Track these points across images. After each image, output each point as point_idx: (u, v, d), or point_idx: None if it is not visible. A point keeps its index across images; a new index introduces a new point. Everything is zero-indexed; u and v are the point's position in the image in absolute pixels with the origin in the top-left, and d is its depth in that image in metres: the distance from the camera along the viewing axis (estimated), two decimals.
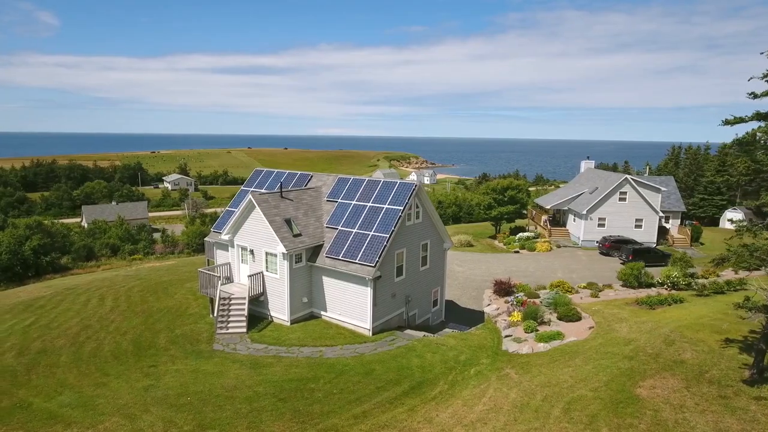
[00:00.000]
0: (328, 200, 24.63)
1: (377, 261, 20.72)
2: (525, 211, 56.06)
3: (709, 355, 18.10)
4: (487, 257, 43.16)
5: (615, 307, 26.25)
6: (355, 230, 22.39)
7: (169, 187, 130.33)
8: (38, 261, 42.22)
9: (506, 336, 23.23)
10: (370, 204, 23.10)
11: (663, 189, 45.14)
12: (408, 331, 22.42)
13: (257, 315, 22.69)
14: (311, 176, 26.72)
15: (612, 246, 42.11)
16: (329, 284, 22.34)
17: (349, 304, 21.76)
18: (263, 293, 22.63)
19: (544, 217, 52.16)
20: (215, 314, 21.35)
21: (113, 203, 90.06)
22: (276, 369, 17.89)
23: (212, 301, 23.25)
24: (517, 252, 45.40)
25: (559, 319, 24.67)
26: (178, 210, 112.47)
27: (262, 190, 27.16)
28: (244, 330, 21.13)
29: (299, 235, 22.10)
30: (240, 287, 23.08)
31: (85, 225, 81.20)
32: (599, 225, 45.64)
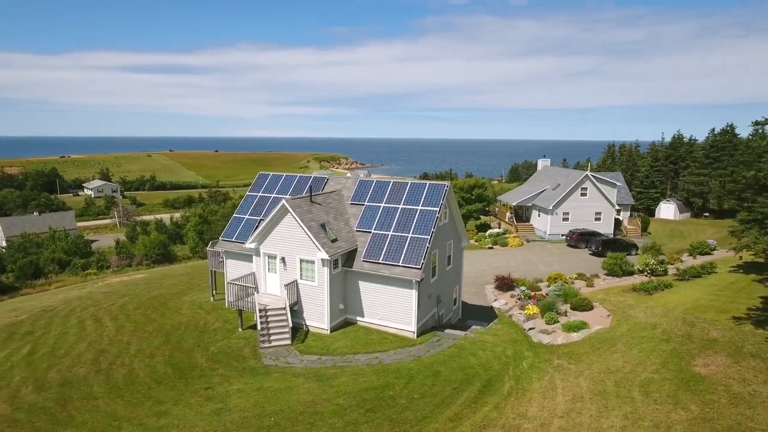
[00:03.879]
0: (352, 203, 24.14)
1: (422, 263, 20.70)
2: (488, 209, 58.28)
3: (732, 332, 20.12)
4: (465, 254, 44.33)
5: (616, 295, 28.22)
6: (390, 233, 22.17)
7: (92, 195, 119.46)
8: None
9: (530, 329, 24.15)
10: (401, 206, 22.97)
11: (618, 184, 49.07)
12: (448, 331, 22.61)
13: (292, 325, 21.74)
14: (327, 179, 26.03)
15: (579, 238, 45.07)
16: (367, 289, 21.93)
17: (391, 308, 21.52)
18: (297, 302, 21.73)
19: (509, 214, 54.57)
20: (258, 328, 20.15)
21: (35, 213, 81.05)
22: (343, 380, 17.32)
23: (241, 313, 21.95)
24: (491, 248, 47.12)
25: (573, 309, 26.04)
26: (105, 219, 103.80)
27: (274, 195, 26.07)
28: (289, 342, 20.18)
29: (335, 240, 21.49)
30: (270, 297, 21.99)
31: (3, 241, 72.46)
32: (564, 219, 48.64)
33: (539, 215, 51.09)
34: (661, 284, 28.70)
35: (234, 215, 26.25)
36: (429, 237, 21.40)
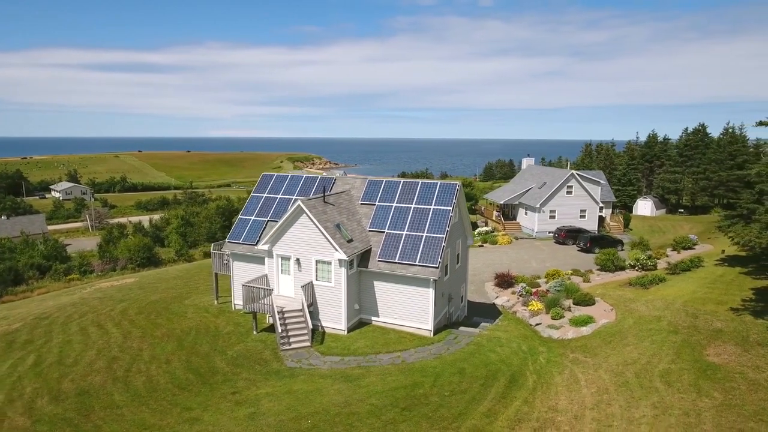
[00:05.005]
0: (362, 203, 24.13)
1: (440, 261, 20.89)
2: (475, 208, 59.05)
3: (734, 322, 21.07)
4: None
5: (614, 289, 29.10)
6: (404, 232, 22.27)
7: (61, 197, 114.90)
8: None
9: (536, 324, 24.67)
10: (413, 205, 23.11)
11: (601, 182, 50.54)
12: (462, 329, 22.88)
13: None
14: (335, 180, 25.92)
15: (567, 235, 46.20)
16: (383, 289, 21.97)
17: (408, 307, 21.62)
18: (312, 303, 21.59)
19: (496, 212, 55.46)
20: (278, 330, 19.90)
21: (3, 217, 77.53)
22: (371, 380, 17.34)
23: (255, 316, 21.65)
24: (482, 246, 47.76)
25: (576, 304, 26.71)
26: (76, 222, 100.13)
27: (280, 196, 25.81)
28: (309, 344, 20.03)
29: (351, 240, 21.45)
30: (285, 299, 21.77)
31: None
32: (551, 217, 49.77)
33: (526, 213, 52.11)
34: (656, 278, 29.74)
35: (239, 217, 25.84)
36: (444, 236, 21.61)
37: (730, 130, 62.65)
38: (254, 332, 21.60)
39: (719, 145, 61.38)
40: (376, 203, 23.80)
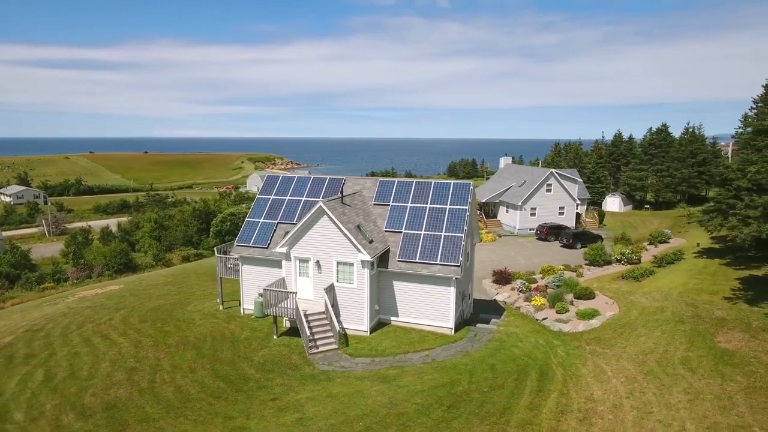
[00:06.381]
0: (376, 204, 24.12)
1: (461, 260, 21.20)
2: None
3: (732, 310, 22.46)
4: None
5: (609, 283, 30.37)
6: (422, 232, 22.45)
7: (11, 201, 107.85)
8: None
9: (543, 319, 25.44)
10: (429, 205, 23.32)
11: (578, 180, 52.44)
12: (479, 325, 23.28)
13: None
14: (344, 180, 25.76)
15: (549, 232, 47.69)
16: (402, 288, 22.06)
17: (428, 306, 21.81)
18: (333, 305, 21.41)
19: (477, 211, 56.49)
20: (308, 334, 19.58)
21: None
22: (409, 379, 17.41)
23: (276, 320, 21.25)
24: None
25: (577, 298, 27.69)
26: (30, 227, 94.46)
27: (288, 197, 25.43)
28: (336, 346, 19.86)
29: (372, 241, 21.43)
30: (304, 302, 21.49)
31: None
32: (531, 214, 51.21)
33: (507, 211, 53.39)
34: (647, 271, 31.25)
35: (247, 219, 25.27)
36: (463, 235, 21.94)
37: (691, 130, 66.43)
38: (274, 336, 21.20)
39: (681, 144, 64.95)
40: (390, 203, 23.85)
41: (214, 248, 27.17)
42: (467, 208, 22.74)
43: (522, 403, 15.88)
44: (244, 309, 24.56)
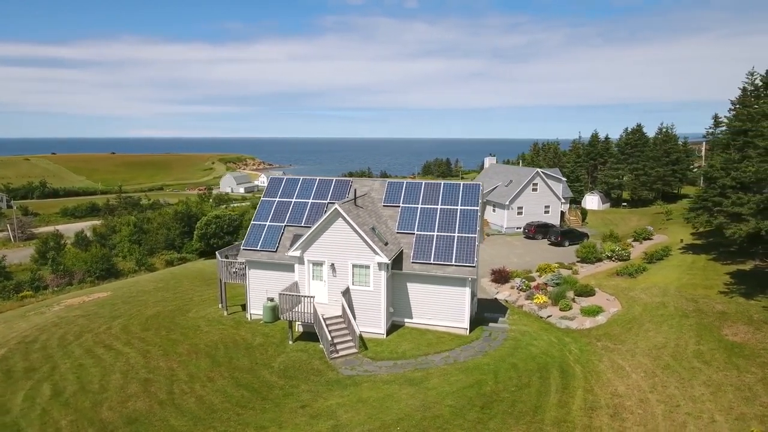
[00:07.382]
0: (385, 205, 24.01)
1: (476, 260, 21.33)
2: None
3: (730, 304, 23.37)
4: None
5: (605, 279, 31.13)
6: (435, 233, 22.48)
7: None
8: None
9: (548, 317, 25.86)
10: (440, 206, 23.37)
11: (562, 179, 53.60)
12: (492, 325, 23.45)
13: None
14: (351, 182, 25.53)
15: (537, 230, 48.54)
16: (417, 290, 22.02)
17: (443, 307, 21.84)
18: (349, 308, 21.18)
19: None
20: (329, 339, 19.25)
21: None
22: (436, 381, 17.39)
23: (291, 325, 20.87)
24: None
25: (578, 295, 28.24)
26: None
27: (294, 199, 25.04)
28: (356, 350, 19.64)
29: (387, 243, 21.32)
30: (319, 306, 21.15)
31: None
32: (518, 213, 52.03)
33: (494, 210, 54.06)
34: (640, 268, 32.18)
35: (252, 222, 24.75)
36: (476, 235, 22.08)
37: (664, 130, 68.87)
38: (290, 342, 20.83)
39: (655, 143, 67.26)
40: (401, 205, 23.79)
41: (216, 252, 26.52)
42: (478, 209, 22.91)
43: (551, 401, 16.09)
44: (251, 314, 24.04)
